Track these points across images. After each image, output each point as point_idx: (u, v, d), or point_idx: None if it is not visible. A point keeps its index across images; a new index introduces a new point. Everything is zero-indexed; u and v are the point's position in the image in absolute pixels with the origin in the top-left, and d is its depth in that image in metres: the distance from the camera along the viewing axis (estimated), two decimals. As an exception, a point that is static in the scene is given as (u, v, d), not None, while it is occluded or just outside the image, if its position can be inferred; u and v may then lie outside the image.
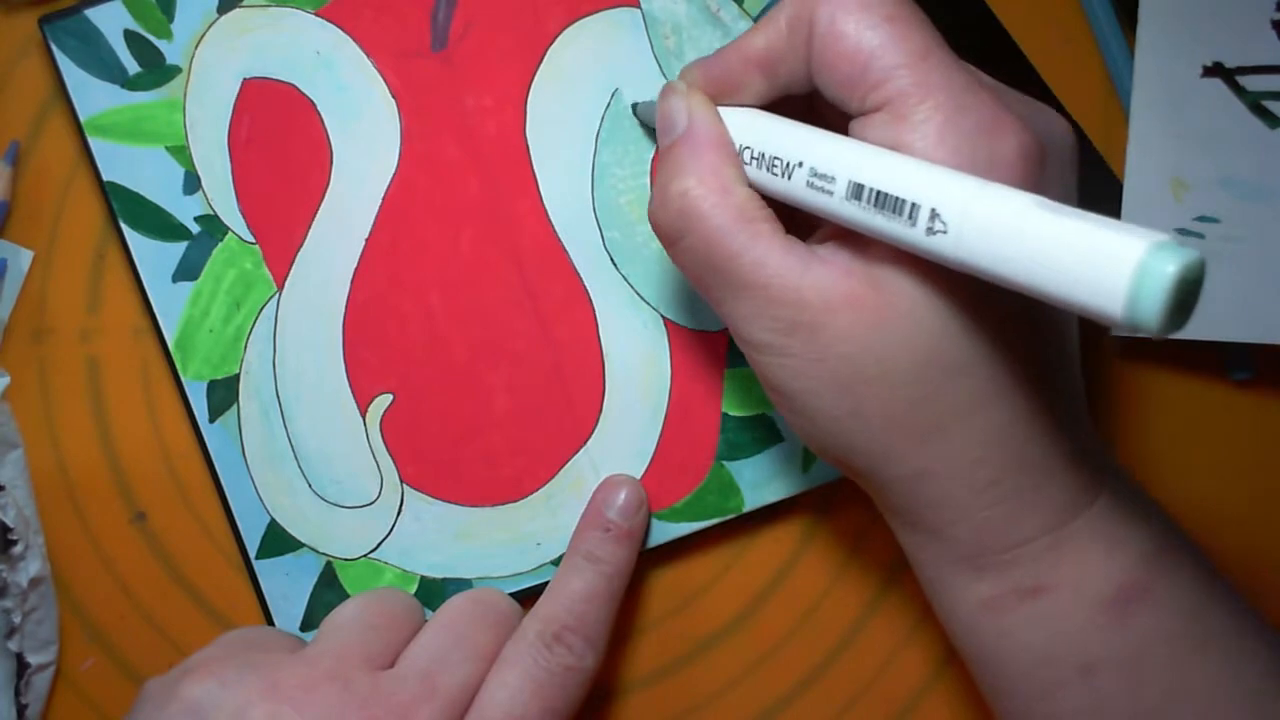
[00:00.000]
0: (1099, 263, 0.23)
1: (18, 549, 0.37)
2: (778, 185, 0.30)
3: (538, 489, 0.38)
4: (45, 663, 0.38)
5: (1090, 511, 0.31)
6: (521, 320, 0.38)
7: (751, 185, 0.30)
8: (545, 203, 0.38)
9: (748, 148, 0.30)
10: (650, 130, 0.38)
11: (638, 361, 0.38)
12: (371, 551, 0.38)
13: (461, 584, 0.38)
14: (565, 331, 0.38)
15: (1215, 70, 0.36)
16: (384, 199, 0.38)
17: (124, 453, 0.39)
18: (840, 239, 0.29)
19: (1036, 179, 0.28)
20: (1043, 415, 0.30)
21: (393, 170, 0.38)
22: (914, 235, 0.26)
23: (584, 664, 0.34)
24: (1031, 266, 0.24)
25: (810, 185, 0.29)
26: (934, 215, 0.26)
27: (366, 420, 0.38)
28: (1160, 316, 0.22)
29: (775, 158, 0.30)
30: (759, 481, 0.38)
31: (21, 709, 0.37)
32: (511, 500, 0.38)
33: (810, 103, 0.32)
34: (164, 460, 0.39)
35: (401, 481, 0.38)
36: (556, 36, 0.38)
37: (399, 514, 0.38)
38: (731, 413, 0.38)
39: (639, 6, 0.38)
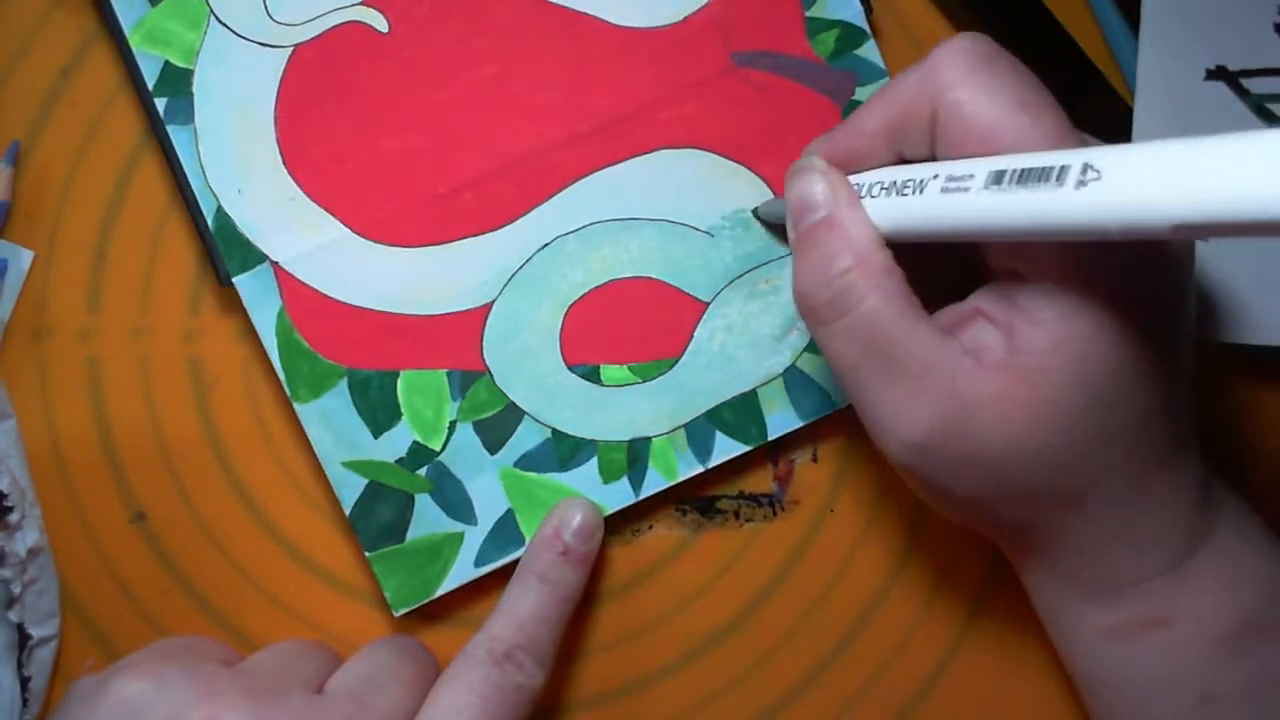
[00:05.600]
0: None
1: (14, 517, 0.37)
2: (909, 208, 0.29)
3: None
4: (47, 636, 0.38)
5: (1210, 545, 0.31)
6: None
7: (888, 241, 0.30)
8: None
9: (877, 182, 0.30)
10: (774, 228, 0.38)
11: None
12: None
13: None
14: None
15: (1219, 73, 0.36)
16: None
17: (124, 453, 0.39)
18: (975, 324, 0.30)
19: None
20: (1169, 457, 0.30)
21: None
22: (1062, 196, 0.25)
23: (534, 683, 0.34)
24: (1205, 191, 0.22)
25: (945, 190, 0.28)
26: (1086, 168, 0.24)
27: None
28: None
29: (908, 180, 0.29)
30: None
31: (25, 681, 0.37)
32: None
33: None
34: (164, 460, 0.39)
35: None
36: None
37: None
38: None
39: None
